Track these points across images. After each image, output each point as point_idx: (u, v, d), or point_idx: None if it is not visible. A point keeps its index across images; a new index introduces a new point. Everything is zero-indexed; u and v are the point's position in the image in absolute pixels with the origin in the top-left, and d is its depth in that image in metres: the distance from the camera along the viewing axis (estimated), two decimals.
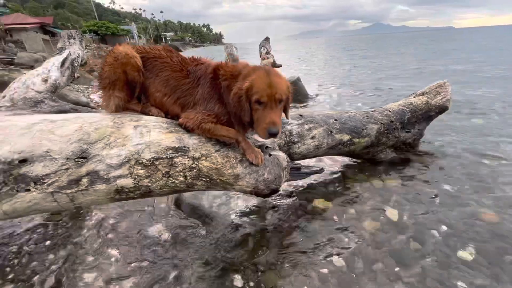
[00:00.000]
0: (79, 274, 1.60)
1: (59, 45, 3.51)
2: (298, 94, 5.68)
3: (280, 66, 9.06)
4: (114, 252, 1.78)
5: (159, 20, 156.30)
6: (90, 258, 1.72)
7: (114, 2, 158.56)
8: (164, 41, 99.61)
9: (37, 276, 1.59)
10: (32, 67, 12.55)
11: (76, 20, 66.30)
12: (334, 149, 2.27)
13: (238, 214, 2.14)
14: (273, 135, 1.22)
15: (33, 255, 1.75)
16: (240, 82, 1.30)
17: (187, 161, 1.36)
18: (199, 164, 1.38)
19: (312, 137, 2.08)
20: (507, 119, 4.00)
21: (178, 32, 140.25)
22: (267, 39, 9.67)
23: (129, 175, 1.26)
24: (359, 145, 2.42)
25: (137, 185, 1.28)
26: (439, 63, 11.26)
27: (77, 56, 3.39)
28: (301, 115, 2.15)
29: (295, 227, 2.00)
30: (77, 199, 1.22)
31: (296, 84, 5.67)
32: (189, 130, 1.43)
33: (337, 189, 2.46)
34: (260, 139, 1.63)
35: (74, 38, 3.68)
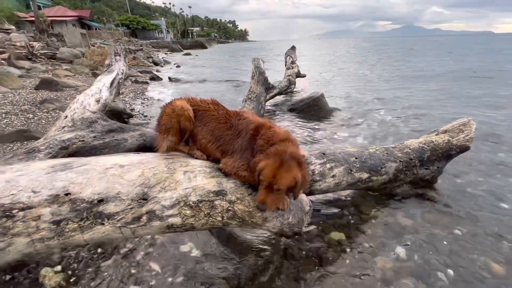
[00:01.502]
0: (126, 286, 1.91)
1: (107, 61, 3.92)
2: (320, 110, 5.81)
3: (304, 76, 9.19)
4: (154, 265, 2.09)
5: (187, 15, 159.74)
6: (134, 270, 2.04)
7: None
8: (190, 36, 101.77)
9: (92, 282, 1.93)
10: (71, 62, 13.53)
11: (110, 14, 69.46)
12: (352, 186, 2.44)
13: (262, 239, 2.38)
14: (260, 210, 1.55)
15: (88, 261, 2.10)
16: (264, 154, 1.51)
17: (224, 203, 1.61)
18: (235, 207, 1.63)
19: (333, 176, 2.27)
20: None
21: (205, 28, 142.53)
22: (293, 48, 9.81)
23: (178, 214, 1.54)
24: (377, 182, 2.57)
25: (184, 223, 1.56)
26: None
27: (122, 73, 3.77)
28: (323, 153, 2.34)
29: (312, 256, 2.20)
30: (137, 232, 1.51)
31: (319, 100, 5.81)
32: (226, 175, 1.69)
33: (352, 221, 2.62)
34: None
35: (119, 55, 4.09)
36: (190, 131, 1.79)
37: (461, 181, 3.25)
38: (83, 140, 2.52)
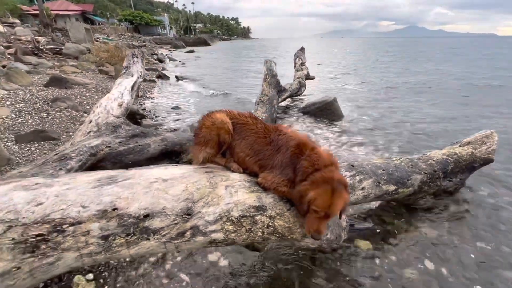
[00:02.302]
0: None
1: (124, 63, 3.90)
2: (333, 115, 5.80)
3: (313, 78, 9.16)
4: (183, 276, 2.09)
5: (190, 11, 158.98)
6: (165, 281, 2.05)
7: None
8: (193, 32, 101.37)
9: None
10: (77, 58, 13.48)
11: (113, 9, 69.11)
12: (379, 198, 2.45)
13: (286, 248, 2.39)
14: (315, 239, 1.52)
15: (118, 270, 2.11)
16: (310, 182, 1.48)
17: (265, 219, 1.61)
18: (275, 223, 1.63)
19: (362, 188, 2.27)
20: None
21: (208, 24, 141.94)
22: (302, 49, 9.77)
23: (221, 230, 1.53)
24: (403, 194, 2.57)
25: (226, 238, 1.56)
26: None
27: (140, 75, 3.76)
28: (352, 166, 2.34)
29: (341, 266, 2.21)
30: (180, 247, 1.51)
31: (332, 105, 5.80)
32: (265, 189, 1.69)
33: (377, 231, 2.63)
34: None
35: (137, 57, 4.07)
36: (228, 144, 1.78)
37: (482, 192, 3.26)
38: (109, 146, 2.52)
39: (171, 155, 3.14)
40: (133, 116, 5.18)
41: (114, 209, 1.38)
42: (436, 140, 4.94)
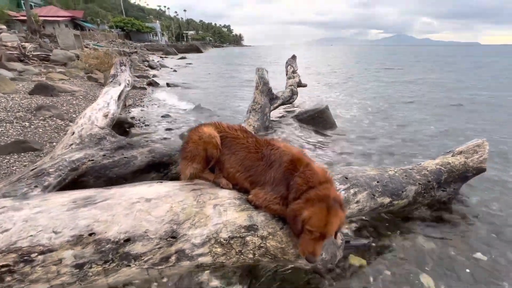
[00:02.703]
0: None
1: (112, 71, 3.78)
2: (325, 123, 5.78)
3: (305, 85, 9.19)
4: None
5: (182, 19, 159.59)
6: None
7: None
8: (185, 39, 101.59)
9: None
10: (65, 65, 13.20)
11: (104, 15, 68.70)
12: (374, 211, 2.38)
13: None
14: (309, 262, 1.41)
15: None
16: (304, 200, 1.40)
17: (256, 240, 1.52)
18: (267, 243, 1.53)
19: (357, 202, 2.20)
20: None
21: (200, 32, 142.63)
22: (293, 57, 9.82)
23: (209, 253, 1.43)
24: (398, 206, 2.52)
25: (214, 262, 1.45)
26: None
27: (128, 84, 3.64)
28: (346, 178, 2.27)
29: (333, 283, 2.11)
30: (164, 272, 1.39)
31: (324, 113, 5.78)
32: (256, 207, 1.60)
33: (372, 244, 2.56)
34: None
35: (125, 65, 3.96)
36: (216, 158, 1.69)
37: (475, 201, 3.24)
38: (92, 160, 2.38)
39: (159, 166, 3.01)
40: (122, 125, 5.02)
41: (90, 234, 1.26)
42: (428, 149, 4.96)
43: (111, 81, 3.51)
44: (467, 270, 2.32)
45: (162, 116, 6.65)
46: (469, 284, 2.19)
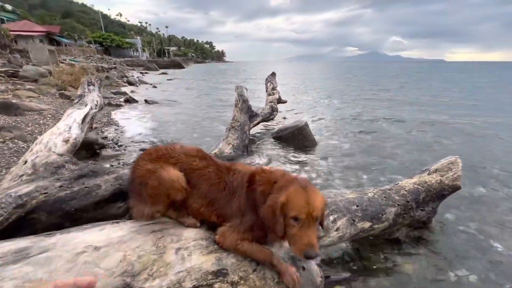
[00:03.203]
0: None
1: (78, 91, 3.54)
2: (305, 140, 5.76)
3: (285, 102, 9.27)
4: None
5: (164, 35, 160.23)
6: None
7: (121, 15, 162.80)
8: (167, 55, 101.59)
9: None
10: (36, 81, 12.57)
11: (82, 30, 67.46)
12: (354, 236, 2.28)
13: None
14: (310, 258, 1.22)
15: None
16: (275, 193, 1.31)
17: (226, 286, 1.34)
18: None
19: (337, 229, 2.09)
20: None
21: (182, 48, 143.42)
22: (273, 74, 9.95)
23: None
24: (378, 229, 2.44)
25: None
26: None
27: (96, 105, 3.41)
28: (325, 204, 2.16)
29: None
30: None
31: (303, 130, 5.77)
32: (225, 250, 1.43)
33: (354, 267, 2.44)
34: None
35: (94, 85, 3.73)
36: (182, 199, 1.51)
37: (452, 218, 3.25)
38: (46, 193, 2.12)
39: (127, 195, 2.76)
40: (91, 147, 4.70)
41: None
42: (403, 164, 5.04)
43: (77, 102, 3.27)
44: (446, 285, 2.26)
45: (138, 135, 6.37)
46: None
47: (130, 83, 17.82)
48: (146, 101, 10.83)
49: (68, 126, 2.78)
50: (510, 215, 3.35)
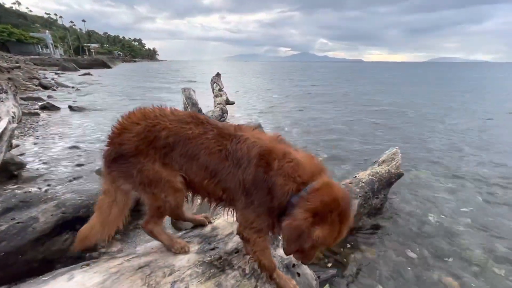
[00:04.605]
0: None
1: None
2: None
3: (233, 103, 9.25)
4: None
5: (81, 30, 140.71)
6: None
7: (19, 3, 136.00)
8: (87, 53, 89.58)
9: None
10: None
11: None
12: None
13: None
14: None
15: None
16: (309, 213, 1.04)
17: None
18: None
19: None
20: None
21: (105, 45, 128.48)
22: (218, 75, 9.79)
23: None
24: None
25: None
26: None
27: (13, 117, 2.70)
28: None
29: None
30: None
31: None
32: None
33: (329, 264, 2.58)
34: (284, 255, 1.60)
35: (6, 92, 2.97)
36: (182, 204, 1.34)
37: (398, 201, 3.75)
38: None
39: (74, 223, 2.31)
40: (6, 168, 3.77)
41: None
42: (352, 156, 5.54)
43: None
44: (408, 268, 2.59)
45: (68, 148, 5.42)
46: (413, 284, 2.43)
47: (44, 87, 15.01)
48: (70, 107, 9.30)
49: None
50: (439, 192, 4.05)
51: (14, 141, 5.46)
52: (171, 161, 1.25)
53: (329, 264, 2.57)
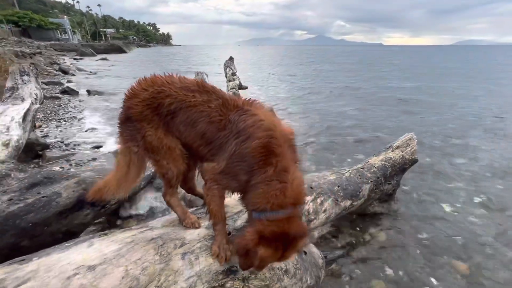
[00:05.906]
0: None
1: (8, 83, 2.88)
2: None
3: (246, 87, 9.16)
4: None
5: (97, 15, 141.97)
6: None
7: None
8: (104, 38, 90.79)
9: None
10: None
11: None
12: (338, 215, 2.42)
13: None
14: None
15: None
16: (257, 234, 1.09)
17: (238, 284, 1.30)
18: (250, 285, 1.33)
19: (324, 210, 2.18)
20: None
21: (121, 30, 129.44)
22: (231, 59, 9.68)
23: None
24: (356, 206, 2.63)
25: None
26: None
27: (36, 99, 2.85)
28: (311, 187, 2.23)
29: None
30: None
31: None
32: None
33: (338, 245, 2.62)
34: None
35: (28, 74, 3.10)
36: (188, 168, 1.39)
37: (406, 188, 3.69)
38: None
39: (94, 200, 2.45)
40: (31, 149, 4.01)
41: None
42: (366, 145, 5.49)
43: (9, 96, 2.68)
44: (417, 252, 2.59)
45: (86, 131, 5.65)
46: (423, 264, 2.43)
47: (64, 72, 15.51)
48: (88, 91, 9.60)
49: (6, 127, 2.28)
50: (453, 180, 3.95)
51: (43, 124, 5.77)
52: (173, 128, 1.29)
53: (339, 245, 2.62)
